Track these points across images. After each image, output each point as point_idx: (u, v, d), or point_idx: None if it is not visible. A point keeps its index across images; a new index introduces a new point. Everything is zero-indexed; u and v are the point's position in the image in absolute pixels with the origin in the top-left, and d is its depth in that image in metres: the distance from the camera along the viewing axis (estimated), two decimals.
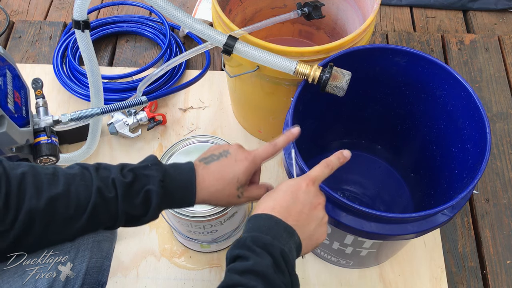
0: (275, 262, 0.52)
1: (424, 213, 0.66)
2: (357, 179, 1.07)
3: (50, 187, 0.55)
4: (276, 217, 0.56)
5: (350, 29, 1.04)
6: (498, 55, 1.33)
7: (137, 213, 0.59)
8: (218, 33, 0.77)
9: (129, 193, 0.58)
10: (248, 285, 0.50)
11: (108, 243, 0.68)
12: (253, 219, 0.57)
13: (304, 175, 0.61)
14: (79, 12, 0.83)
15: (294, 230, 0.56)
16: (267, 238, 0.53)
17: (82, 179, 0.57)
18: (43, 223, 0.54)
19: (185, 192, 0.60)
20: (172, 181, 0.60)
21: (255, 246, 0.53)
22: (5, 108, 0.79)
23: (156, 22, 1.34)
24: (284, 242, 0.55)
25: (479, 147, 0.74)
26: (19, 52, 1.32)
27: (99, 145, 1.12)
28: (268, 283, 0.50)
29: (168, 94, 0.99)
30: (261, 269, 0.51)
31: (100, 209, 0.57)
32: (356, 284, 0.98)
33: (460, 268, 1.01)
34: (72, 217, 0.56)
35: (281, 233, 0.55)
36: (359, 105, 0.94)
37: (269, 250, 0.53)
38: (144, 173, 0.59)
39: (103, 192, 0.56)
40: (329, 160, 0.62)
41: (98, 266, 0.65)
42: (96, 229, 0.60)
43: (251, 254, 0.52)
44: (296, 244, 0.56)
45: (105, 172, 0.58)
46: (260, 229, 0.55)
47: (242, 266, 0.51)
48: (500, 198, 1.09)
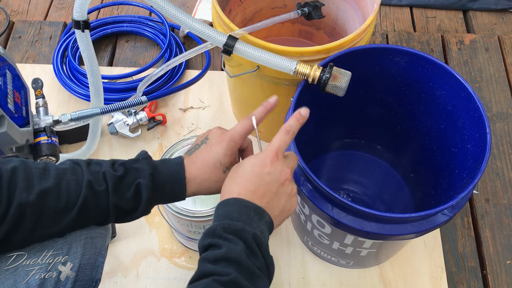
0: (248, 247, 0.52)
1: (424, 213, 0.66)
2: (357, 179, 1.07)
3: (41, 181, 0.55)
4: (245, 200, 0.55)
5: (350, 29, 1.04)
6: (498, 55, 1.33)
7: (128, 207, 0.58)
8: (218, 33, 0.77)
9: (120, 187, 0.58)
10: (222, 273, 0.49)
11: (102, 239, 0.67)
12: (222, 206, 0.56)
13: (267, 150, 0.58)
14: (79, 12, 0.83)
15: (264, 210, 0.55)
16: (238, 224, 0.53)
17: (73, 174, 0.57)
18: (34, 217, 0.55)
19: (175, 186, 0.60)
20: (161, 175, 0.59)
21: (227, 233, 0.52)
22: (5, 108, 0.79)
23: (156, 22, 1.34)
24: (255, 225, 0.54)
25: (479, 147, 0.74)
26: (19, 52, 1.32)
27: (99, 145, 1.12)
28: (241, 269, 0.50)
29: (168, 94, 0.99)
30: (234, 255, 0.50)
31: (91, 203, 0.57)
32: (356, 284, 0.98)
33: (460, 268, 1.01)
34: (62, 210, 0.56)
35: (251, 216, 0.54)
36: (359, 105, 0.94)
37: (241, 235, 0.52)
38: (135, 166, 0.59)
39: (94, 185, 0.57)
40: (288, 126, 0.60)
41: (92, 262, 0.64)
42: (87, 223, 0.60)
43: (223, 241, 0.52)
44: (267, 224, 0.56)
45: (96, 167, 0.58)
46: (230, 216, 0.54)
47: (215, 255, 0.51)
48: (500, 198, 1.09)
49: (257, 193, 0.56)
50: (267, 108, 0.64)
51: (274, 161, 0.57)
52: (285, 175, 0.58)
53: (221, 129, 0.63)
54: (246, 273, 0.50)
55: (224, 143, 0.61)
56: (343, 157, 1.09)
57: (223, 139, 0.61)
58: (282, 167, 0.58)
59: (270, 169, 0.57)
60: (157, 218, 1.05)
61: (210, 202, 0.82)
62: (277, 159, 0.57)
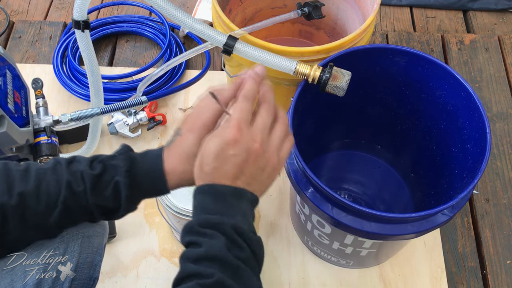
0: (228, 240, 0.49)
1: (424, 213, 0.66)
2: (357, 179, 1.07)
3: (21, 183, 0.54)
4: (219, 186, 0.51)
5: (350, 29, 1.04)
6: (498, 55, 1.33)
7: (110, 206, 0.56)
8: (218, 33, 0.77)
9: (98, 186, 0.55)
10: (204, 273, 0.47)
11: (99, 238, 0.67)
12: (197, 195, 0.52)
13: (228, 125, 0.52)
14: (79, 12, 0.83)
15: (241, 189, 0.52)
16: (214, 217, 0.50)
17: (53, 174, 0.56)
18: (16, 219, 0.54)
19: (154, 180, 0.56)
20: (139, 170, 0.56)
21: (204, 228, 0.49)
22: (5, 108, 0.79)
23: (156, 22, 1.34)
24: (235, 212, 0.51)
25: (479, 147, 0.74)
26: (19, 52, 1.32)
27: (99, 145, 1.12)
28: (224, 267, 0.48)
29: (168, 94, 0.99)
30: (215, 253, 0.48)
31: (71, 204, 0.55)
32: (356, 284, 0.98)
33: (460, 268, 1.01)
34: (44, 212, 0.55)
35: (229, 202, 0.51)
36: (359, 105, 0.94)
37: (219, 229, 0.49)
38: (112, 163, 0.56)
39: (72, 186, 0.55)
40: (245, 91, 0.53)
41: (89, 261, 0.64)
42: (75, 222, 0.59)
43: (201, 238, 0.49)
44: (250, 201, 0.52)
45: (76, 165, 0.56)
46: (206, 208, 0.51)
47: (195, 254, 0.49)
48: (500, 198, 1.09)
49: (228, 177, 0.51)
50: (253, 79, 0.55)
51: (238, 138, 0.51)
52: (254, 150, 0.51)
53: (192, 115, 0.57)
54: (229, 270, 0.48)
55: (196, 132, 0.55)
56: (343, 157, 1.09)
57: (193, 128, 0.55)
58: (248, 142, 0.51)
59: (235, 150, 0.51)
60: (157, 218, 1.05)
61: None
62: (241, 134, 0.51)
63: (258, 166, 0.52)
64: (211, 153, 0.51)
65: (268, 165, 0.53)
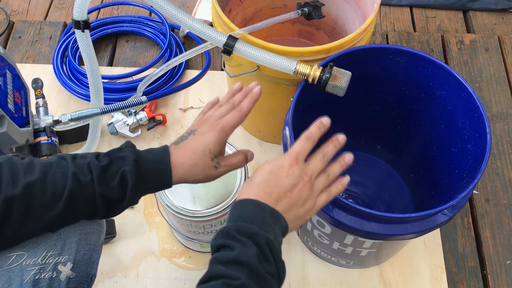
0: (260, 252, 0.51)
1: (424, 213, 0.66)
2: (357, 179, 1.07)
3: (26, 174, 0.56)
4: (261, 203, 0.55)
5: (350, 29, 1.04)
6: (498, 55, 1.33)
7: (115, 196, 0.59)
8: (218, 33, 0.77)
9: (105, 176, 0.58)
10: (232, 276, 0.49)
11: (96, 235, 0.67)
12: (238, 206, 0.56)
13: (287, 154, 0.59)
14: (79, 12, 0.83)
15: (280, 214, 0.55)
16: (252, 227, 0.53)
17: (58, 167, 0.57)
18: (21, 211, 0.55)
19: (160, 171, 0.60)
20: (146, 161, 0.60)
21: (240, 235, 0.52)
22: (5, 108, 0.79)
23: (156, 22, 1.34)
24: (270, 229, 0.54)
25: (479, 147, 0.74)
26: (19, 52, 1.32)
27: (99, 145, 1.12)
28: (252, 274, 0.50)
29: (168, 94, 0.99)
30: (246, 259, 0.50)
31: (77, 194, 0.57)
32: (356, 284, 0.98)
33: (460, 268, 1.01)
34: (49, 203, 0.56)
35: (266, 219, 0.54)
36: (359, 105, 0.94)
37: (254, 239, 0.52)
38: (118, 155, 0.60)
39: (79, 176, 0.57)
40: (309, 133, 0.60)
41: (86, 258, 0.64)
42: (76, 216, 0.60)
43: (235, 243, 0.51)
44: (282, 228, 0.55)
45: (81, 159, 0.59)
46: (245, 217, 0.54)
47: (226, 256, 0.51)
48: (500, 198, 1.09)
49: (273, 195, 0.56)
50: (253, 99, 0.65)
51: (293, 165, 0.57)
52: (303, 181, 0.57)
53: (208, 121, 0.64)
54: (256, 278, 0.50)
55: (215, 132, 0.62)
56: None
57: (215, 128, 0.62)
58: (301, 173, 0.58)
59: (288, 173, 0.57)
60: (157, 218, 1.05)
61: (210, 202, 0.82)
62: (297, 164, 0.58)
63: (300, 198, 0.57)
64: (267, 169, 0.57)
65: (307, 201, 0.58)
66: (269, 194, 0.56)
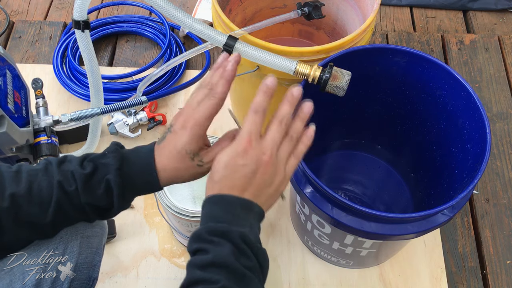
0: (236, 248, 0.49)
1: (424, 213, 0.66)
2: (357, 179, 1.07)
3: (12, 184, 0.54)
4: (229, 196, 0.52)
5: (350, 29, 1.04)
6: (498, 55, 1.33)
7: (102, 204, 0.56)
8: (218, 33, 0.77)
9: (90, 185, 0.55)
10: (211, 280, 0.47)
11: (98, 238, 0.67)
12: (207, 205, 0.53)
13: (238, 137, 0.53)
14: (79, 12, 0.83)
15: (251, 202, 0.53)
16: (223, 226, 0.50)
17: (44, 174, 0.55)
18: (10, 221, 0.54)
19: (147, 177, 0.56)
20: (131, 167, 0.56)
21: (212, 236, 0.50)
22: (5, 108, 0.79)
23: (156, 22, 1.34)
24: (244, 222, 0.51)
25: (479, 147, 0.74)
26: (19, 52, 1.32)
27: (99, 145, 1.12)
28: (231, 274, 0.48)
29: (168, 94, 0.99)
30: (222, 260, 0.48)
31: (65, 203, 0.55)
32: (356, 284, 0.98)
33: (460, 268, 1.01)
34: (38, 212, 0.55)
35: (237, 212, 0.52)
36: (359, 105, 0.94)
37: (227, 237, 0.50)
38: (102, 162, 0.56)
39: (64, 186, 0.55)
40: (256, 103, 0.54)
41: (89, 261, 0.64)
42: (71, 222, 0.59)
43: (209, 245, 0.49)
44: (257, 215, 0.53)
45: (67, 165, 0.56)
46: (215, 217, 0.51)
47: (203, 260, 0.49)
48: (500, 198, 1.09)
49: (236, 188, 0.52)
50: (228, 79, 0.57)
51: (248, 149, 0.52)
52: (263, 162, 0.53)
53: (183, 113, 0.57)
54: (236, 278, 0.48)
55: (188, 130, 0.55)
56: (343, 157, 1.09)
57: (186, 125, 0.55)
58: (259, 154, 0.53)
59: (244, 160, 0.52)
60: (157, 218, 1.05)
61: None
62: (251, 146, 0.53)
63: (266, 178, 0.54)
64: (222, 162, 0.53)
65: (275, 178, 0.55)
66: (231, 188, 0.52)
